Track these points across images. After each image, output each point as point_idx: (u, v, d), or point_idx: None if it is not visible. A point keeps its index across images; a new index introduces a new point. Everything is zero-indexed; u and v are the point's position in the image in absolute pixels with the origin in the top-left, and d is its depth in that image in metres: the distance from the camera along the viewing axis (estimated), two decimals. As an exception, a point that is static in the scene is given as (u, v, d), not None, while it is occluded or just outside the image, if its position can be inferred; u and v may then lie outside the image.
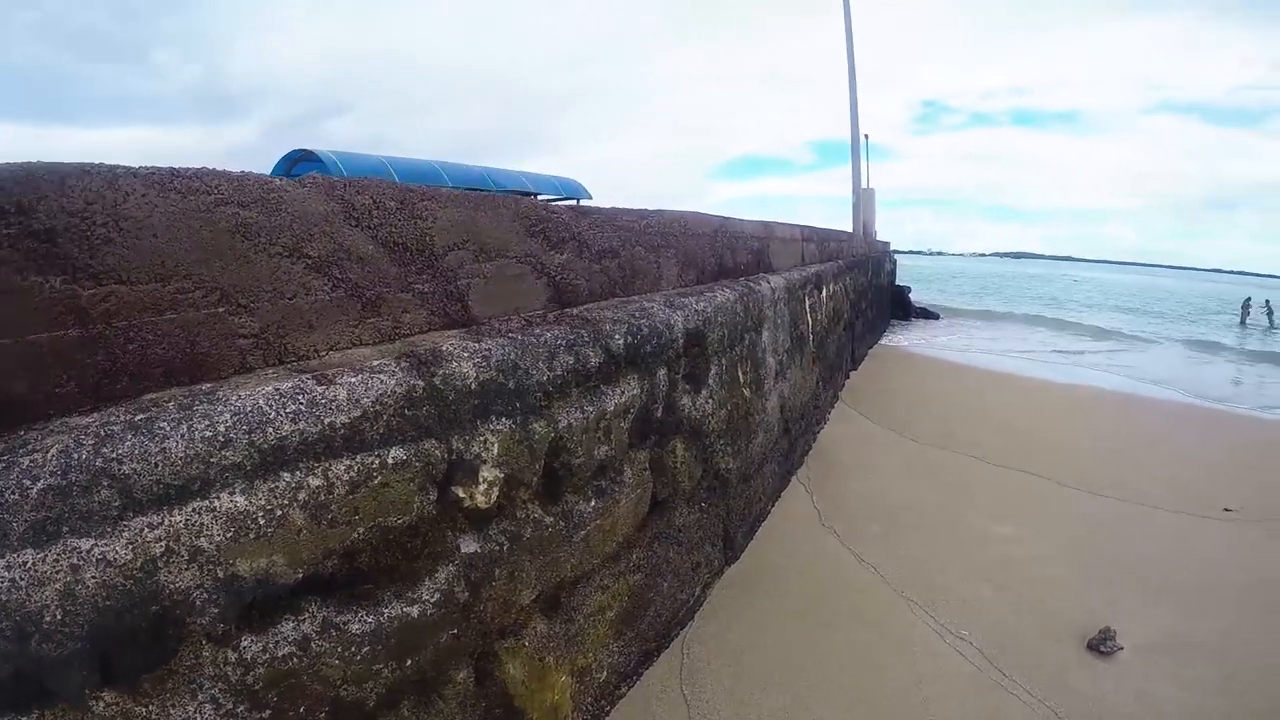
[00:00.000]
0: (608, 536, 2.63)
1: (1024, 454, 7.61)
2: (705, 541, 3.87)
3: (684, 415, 3.24)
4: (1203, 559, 5.43)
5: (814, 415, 7.15)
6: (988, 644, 3.91)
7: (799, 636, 3.89)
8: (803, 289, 6.62)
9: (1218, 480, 7.34)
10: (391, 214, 2.21)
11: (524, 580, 2.20)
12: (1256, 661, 4.00)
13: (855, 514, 5.56)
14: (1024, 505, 6.16)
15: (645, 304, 3.00)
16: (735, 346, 4.01)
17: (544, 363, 2.12)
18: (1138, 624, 4.25)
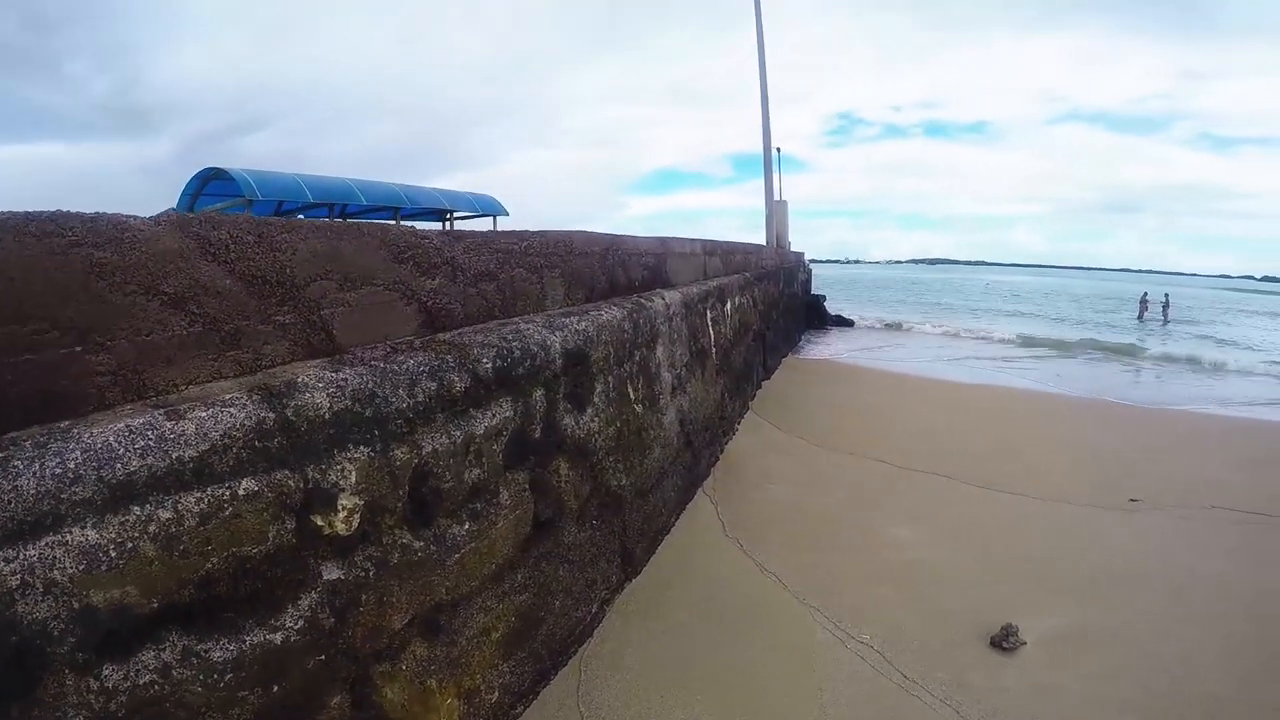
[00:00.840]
0: (485, 558, 2.74)
1: (932, 456, 8.00)
2: (600, 558, 4.02)
3: (567, 435, 3.39)
4: (1108, 550, 5.75)
5: (720, 427, 7.40)
6: (889, 646, 4.09)
7: (699, 648, 4.02)
8: (703, 303, 6.87)
9: (1124, 473, 7.84)
10: (249, 248, 2.30)
11: (394, 605, 2.30)
12: (1159, 648, 4.27)
13: (759, 523, 5.77)
14: (929, 507, 6.45)
15: (521, 326, 3.14)
16: (624, 363, 4.19)
17: (404, 390, 2.24)
18: (1041, 618, 4.47)
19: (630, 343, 4.31)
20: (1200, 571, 5.42)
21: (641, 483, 4.52)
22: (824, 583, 4.83)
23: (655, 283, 6.04)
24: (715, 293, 7.63)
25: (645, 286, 5.74)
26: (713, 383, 6.98)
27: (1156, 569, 5.43)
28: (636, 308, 4.58)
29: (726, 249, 10.15)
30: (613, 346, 3.95)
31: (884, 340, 22.42)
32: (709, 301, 7.17)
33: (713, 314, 7.25)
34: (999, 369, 17.20)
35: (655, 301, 5.08)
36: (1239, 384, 16.97)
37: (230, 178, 18.81)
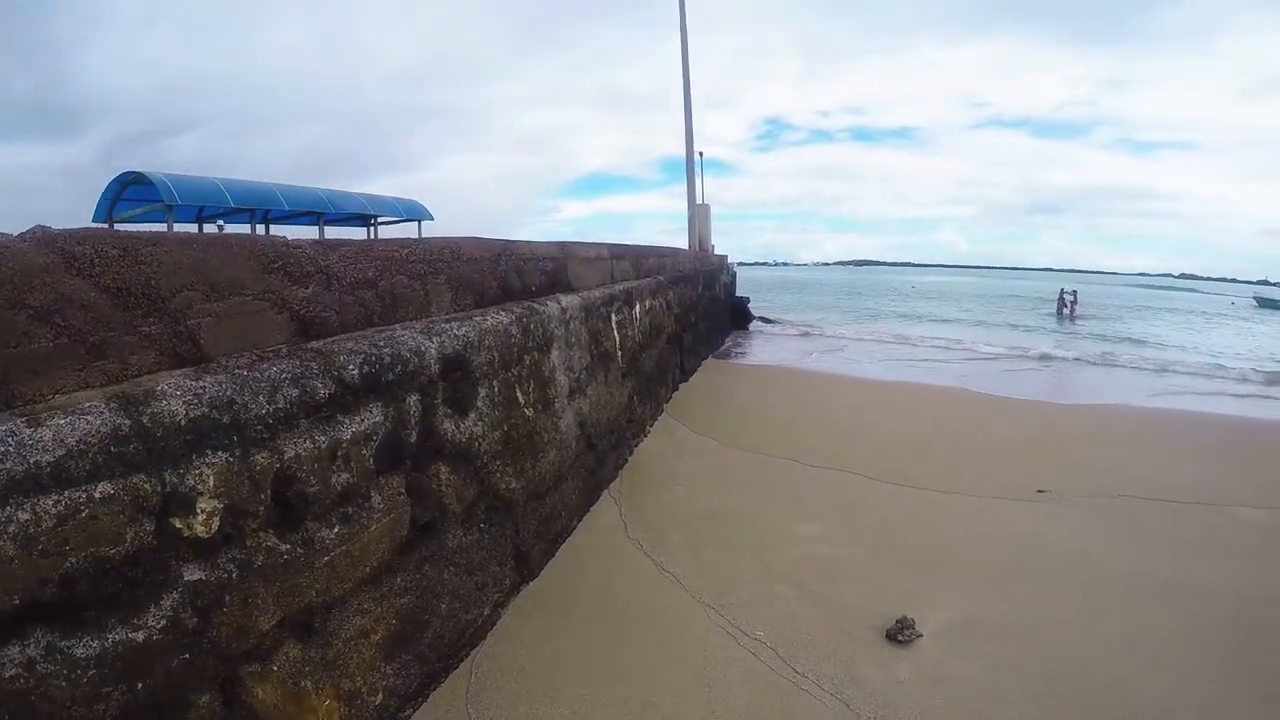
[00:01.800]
0: (358, 561, 2.92)
1: (842, 453, 8.37)
2: (491, 561, 4.21)
3: (447, 439, 3.59)
4: (1013, 541, 6.07)
5: (629, 429, 7.67)
6: (782, 642, 4.26)
7: (594, 649, 4.19)
8: (607, 306, 7.13)
9: (1034, 465, 8.30)
10: (113, 261, 2.43)
11: (260, 606, 2.47)
12: (1060, 637, 4.51)
13: (662, 524, 6.01)
14: (834, 503, 6.76)
15: (398, 333, 3.32)
16: (512, 368, 4.40)
17: (264, 397, 2.41)
18: (940, 610, 4.70)
19: (520, 347, 4.52)
20: (1105, 560, 5.74)
21: (535, 486, 4.73)
22: (722, 581, 5.03)
23: (555, 287, 6.25)
24: (622, 296, 7.88)
25: (543, 291, 5.95)
26: (618, 385, 7.23)
27: (1061, 558, 5.73)
28: (528, 312, 4.79)
29: (637, 252, 10.43)
30: (498, 351, 4.15)
31: (805, 340, 23.23)
32: (614, 305, 7.42)
33: (618, 317, 7.50)
34: (916, 367, 17.98)
35: (550, 306, 5.30)
36: (1143, 377, 18.16)
37: (149, 182, 18.68)
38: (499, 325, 4.23)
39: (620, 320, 7.57)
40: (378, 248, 3.86)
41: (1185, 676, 4.11)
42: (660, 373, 10.25)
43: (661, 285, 11.09)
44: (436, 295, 4.24)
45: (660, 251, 13.03)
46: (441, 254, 4.38)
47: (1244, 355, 26.50)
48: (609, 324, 7.10)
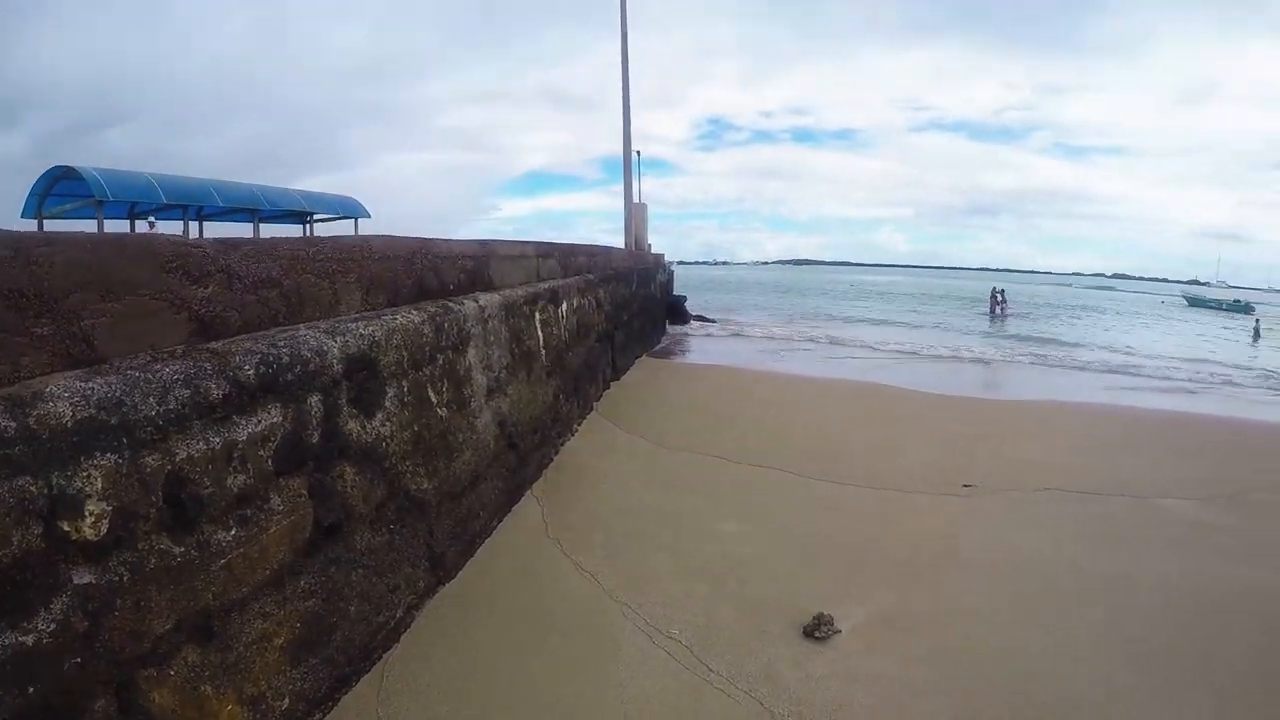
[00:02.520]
0: (257, 564, 2.98)
1: (770, 450, 8.60)
2: (404, 563, 4.29)
3: (353, 440, 3.66)
4: (936, 535, 6.27)
5: (554, 428, 7.79)
6: (698, 641, 4.35)
7: (509, 651, 4.28)
8: (531, 304, 7.23)
9: (960, 460, 8.63)
10: (4, 263, 2.46)
11: (154, 609, 2.52)
12: (979, 630, 4.67)
13: (585, 523, 6.14)
14: (758, 501, 6.94)
15: (300, 332, 3.38)
16: (424, 367, 4.48)
17: (155, 398, 2.47)
18: (860, 606, 4.85)
19: (432, 346, 4.60)
20: (1029, 552, 5.98)
21: (450, 486, 4.82)
22: (641, 580, 5.15)
23: (476, 286, 6.32)
24: (546, 294, 7.99)
25: (463, 289, 6.02)
26: (542, 384, 7.34)
27: (983, 552, 5.95)
28: (442, 311, 4.87)
29: (565, 250, 10.54)
30: (408, 350, 4.23)
31: (741, 338, 23.70)
32: (538, 303, 7.53)
33: (543, 315, 7.61)
34: (848, 364, 18.53)
35: (467, 304, 5.39)
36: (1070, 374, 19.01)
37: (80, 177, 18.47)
38: (409, 324, 4.30)
39: (545, 319, 7.68)
40: (282, 246, 3.90)
41: (1107, 667, 4.30)
42: (589, 371, 10.38)
43: (591, 283, 11.21)
44: (346, 294, 4.29)
45: (591, 250, 13.15)
46: (352, 252, 4.43)
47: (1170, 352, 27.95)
48: (532, 322, 7.20)
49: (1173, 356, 25.61)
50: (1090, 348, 27.27)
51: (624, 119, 24.61)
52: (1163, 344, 31.08)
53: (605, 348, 12.12)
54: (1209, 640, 4.69)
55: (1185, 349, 29.54)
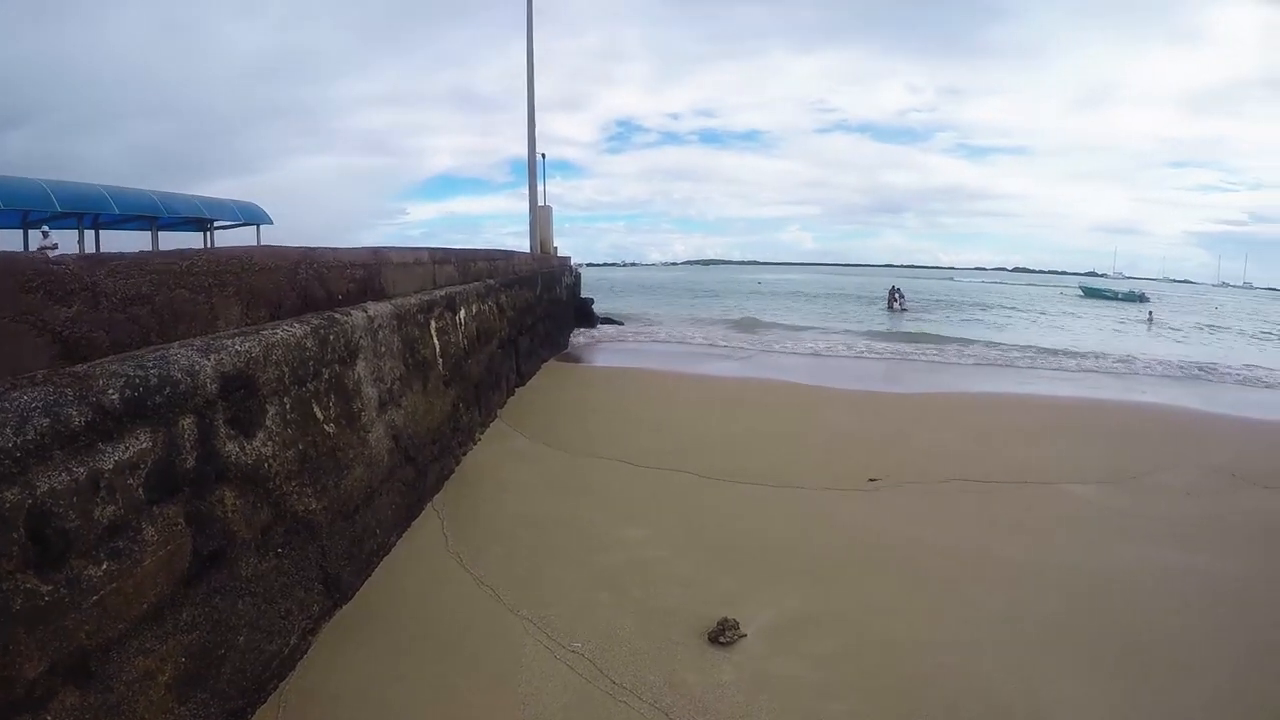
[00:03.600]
0: (133, 599, 2.86)
1: (677, 453, 8.69)
2: (295, 587, 4.19)
3: (232, 462, 3.56)
4: (842, 532, 6.42)
5: (454, 439, 7.71)
6: (600, 652, 4.34)
7: (408, 673, 4.21)
8: (425, 313, 7.14)
9: (867, 455, 8.88)
10: None
11: (25, 653, 2.40)
12: (886, 625, 4.79)
13: (486, 536, 6.07)
14: (663, 504, 6.98)
15: (172, 352, 3.27)
16: (308, 382, 4.38)
17: (12, 428, 2.36)
18: (766, 608, 4.90)
19: (317, 360, 4.51)
20: (936, 544, 6.18)
21: (341, 505, 4.73)
22: (542, 592, 5.12)
23: (367, 295, 6.22)
24: (443, 302, 7.91)
25: (353, 299, 5.91)
26: (439, 394, 7.27)
27: (891, 546, 6.12)
28: (327, 323, 4.78)
29: (463, 256, 10.45)
30: (289, 366, 4.13)
31: (648, 340, 23.93)
32: (434, 311, 7.44)
33: (439, 324, 7.53)
34: (755, 362, 18.95)
35: (355, 315, 5.29)
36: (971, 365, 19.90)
37: None
38: (290, 338, 4.20)
39: (441, 327, 7.60)
40: (154, 260, 3.76)
41: (1016, 655, 4.50)
42: (492, 378, 10.31)
43: (492, 289, 11.15)
44: (224, 309, 4.16)
45: (491, 254, 13.06)
46: (230, 265, 4.30)
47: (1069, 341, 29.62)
48: (427, 331, 7.12)
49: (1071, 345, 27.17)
50: (991, 339, 28.68)
51: (529, 122, 24.59)
52: (1061, 333, 32.94)
53: (509, 354, 12.06)
54: (1111, 618, 4.99)
55: (1082, 338, 31.41)
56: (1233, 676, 4.35)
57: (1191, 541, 6.54)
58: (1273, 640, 4.79)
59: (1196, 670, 4.40)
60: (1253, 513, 7.49)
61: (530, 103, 24.39)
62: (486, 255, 12.43)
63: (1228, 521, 7.17)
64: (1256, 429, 12.70)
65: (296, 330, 4.33)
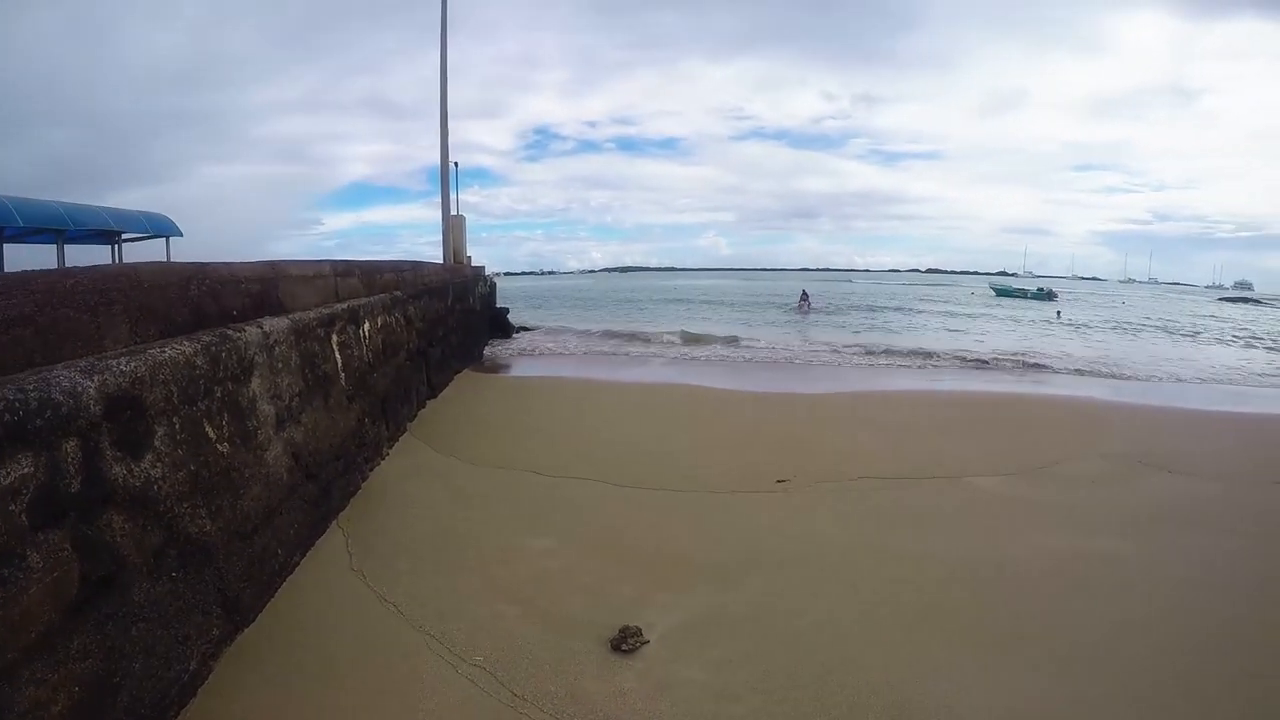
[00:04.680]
0: (19, 629, 2.82)
1: (586, 461, 8.77)
2: (193, 611, 4.14)
3: (119, 484, 3.52)
4: (750, 534, 6.52)
5: (360, 455, 7.65)
6: (502, 665, 4.36)
7: (310, 695, 4.16)
8: (326, 327, 7.09)
9: (776, 456, 9.06)
10: None
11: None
12: (793, 625, 4.89)
13: (390, 551, 6.04)
14: (569, 513, 7.03)
15: (54, 373, 3.23)
16: (199, 401, 4.34)
17: (-118, 457, 2.33)
18: (669, 613, 4.97)
19: (208, 378, 4.47)
20: (842, 542, 6.36)
21: (238, 525, 4.68)
22: (445, 606, 5.11)
23: (264, 310, 6.14)
24: (346, 315, 7.85)
25: (249, 314, 5.83)
26: (342, 410, 7.21)
27: (799, 547, 6.25)
28: (219, 340, 4.73)
29: (369, 268, 10.35)
30: (178, 385, 4.09)
31: (563, 348, 24.01)
32: (335, 325, 7.39)
33: (341, 338, 7.47)
34: (669, 367, 19.18)
35: (249, 331, 5.25)
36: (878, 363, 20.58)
37: None
38: (179, 357, 4.16)
39: (344, 340, 7.55)
40: (36, 279, 3.69)
41: (921, 649, 4.65)
42: (400, 391, 10.24)
43: (399, 300, 11.07)
44: (111, 328, 4.10)
45: (399, 265, 12.94)
46: (117, 282, 4.23)
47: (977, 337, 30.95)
48: (329, 345, 7.07)
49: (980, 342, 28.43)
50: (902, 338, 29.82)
51: (441, 130, 24.37)
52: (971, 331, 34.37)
53: (418, 366, 11.99)
54: (1016, 607, 5.23)
55: (992, 335, 32.88)
56: (1134, 657, 4.60)
57: (1096, 527, 6.91)
58: (1174, 619, 5.11)
59: (1101, 653, 4.63)
60: (1155, 496, 8.01)
61: (443, 110, 24.22)
62: (394, 266, 12.32)
63: (1131, 506, 7.62)
64: (1159, 416, 13.53)
65: (186, 348, 4.29)
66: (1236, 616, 5.16)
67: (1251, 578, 5.86)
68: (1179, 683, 4.32)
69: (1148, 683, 4.31)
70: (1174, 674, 4.41)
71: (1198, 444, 10.92)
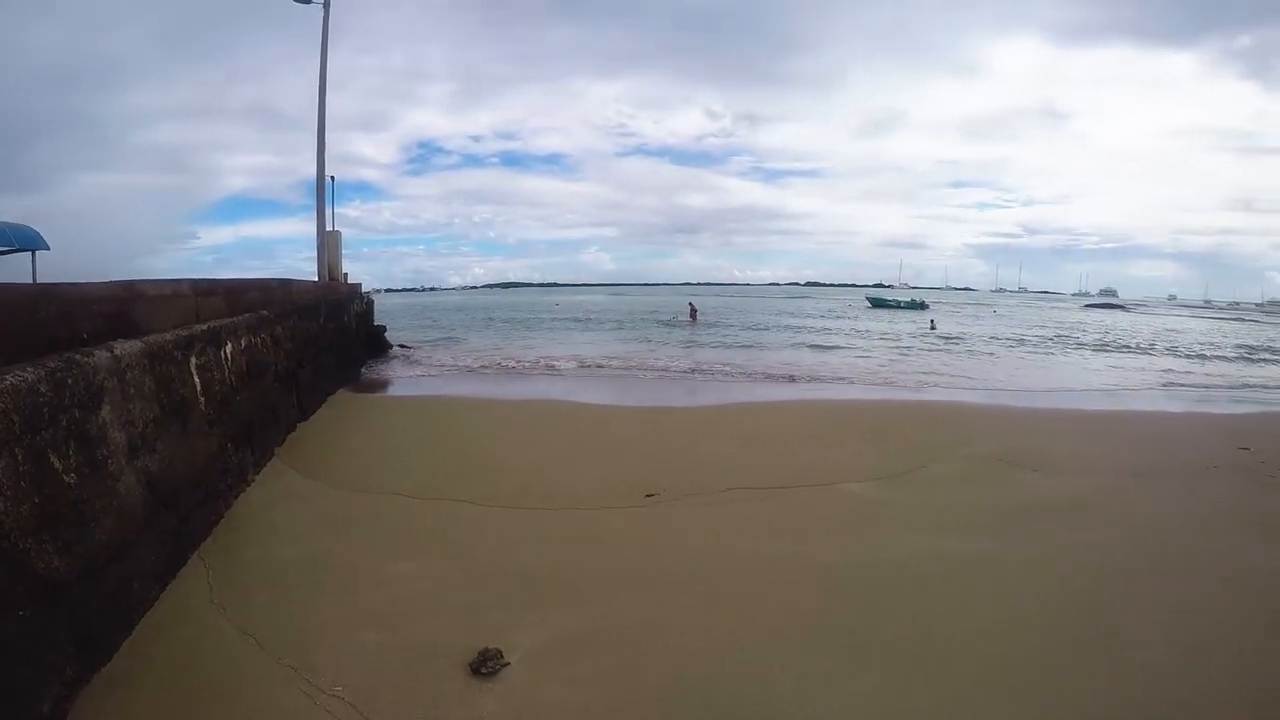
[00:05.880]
0: None
1: (456, 480, 8.67)
2: (45, 651, 3.94)
3: (-45, 520, 3.36)
4: (618, 550, 6.56)
5: (223, 482, 7.40)
6: (362, 695, 4.25)
7: None
8: (185, 349, 6.84)
9: (647, 470, 9.15)
10: None
11: None
12: (660, 641, 4.89)
13: (252, 582, 5.84)
14: (436, 536, 6.95)
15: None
16: (43, 430, 4.16)
17: None
18: (533, 634, 4.94)
19: (53, 406, 4.28)
20: (712, 554, 6.45)
21: (91, 560, 4.49)
22: (307, 636, 4.96)
23: (118, 332, 5.89)
24: (206, 336, 7.59)
25: (104, 338, 5.59)
26: (203, 436, 6.97)
27: (668, 560, 6.31)
28: (65, 366, 4.53)
29: (234, 287, 10.01)
30: (20, 414, 3.91)
31: (439, 365, 23.89)
32: (194, 347, 7.14)
33: (201, 360, 7.23)
34: (542, 383, 19.31)
35: (99, 355, 5.04)
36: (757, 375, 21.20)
37: None
38: (21, 384, 3.97)
39: (203, 364, 7.29)
40: None
41: (791, 658, 4.72)
42: (268, 415, 9.94)
43: (266, 320, 10.74)
44: (-58, 356, 3.90)
45: (267, 284, 12.55)
46: (-54, 307, 4.03)
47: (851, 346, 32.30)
48: (187, 369, 6.83)
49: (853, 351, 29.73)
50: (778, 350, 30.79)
51: (319, 142, 23.63)
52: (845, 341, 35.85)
53: (287, 387, 11.64)
54: (887, 611, 5.41)
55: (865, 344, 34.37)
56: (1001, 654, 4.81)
57: (964, 527, 7.32)
58: (1039, 614, 5.43)
59: (969, 652, 4.82)
60: (1020, 494, 8.60)
61: (320, 123, 23.51)
62: (261, 285, 11.94)
63: (997, 505, 8.13)
64: (1023, 417, 14.48)
65: (28, 375, 4.10)
66: (1100, 605, 5.56)
67: (1113, 569, 6.32)
68: (1048, 678, 4.54)
69: (1016, 679, 4.51)
70: (1043, 670, 4.64)
71: (1060, 442, 11.79)
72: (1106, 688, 4.44)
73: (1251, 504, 8.53)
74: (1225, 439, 12.48)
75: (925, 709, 4.22)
